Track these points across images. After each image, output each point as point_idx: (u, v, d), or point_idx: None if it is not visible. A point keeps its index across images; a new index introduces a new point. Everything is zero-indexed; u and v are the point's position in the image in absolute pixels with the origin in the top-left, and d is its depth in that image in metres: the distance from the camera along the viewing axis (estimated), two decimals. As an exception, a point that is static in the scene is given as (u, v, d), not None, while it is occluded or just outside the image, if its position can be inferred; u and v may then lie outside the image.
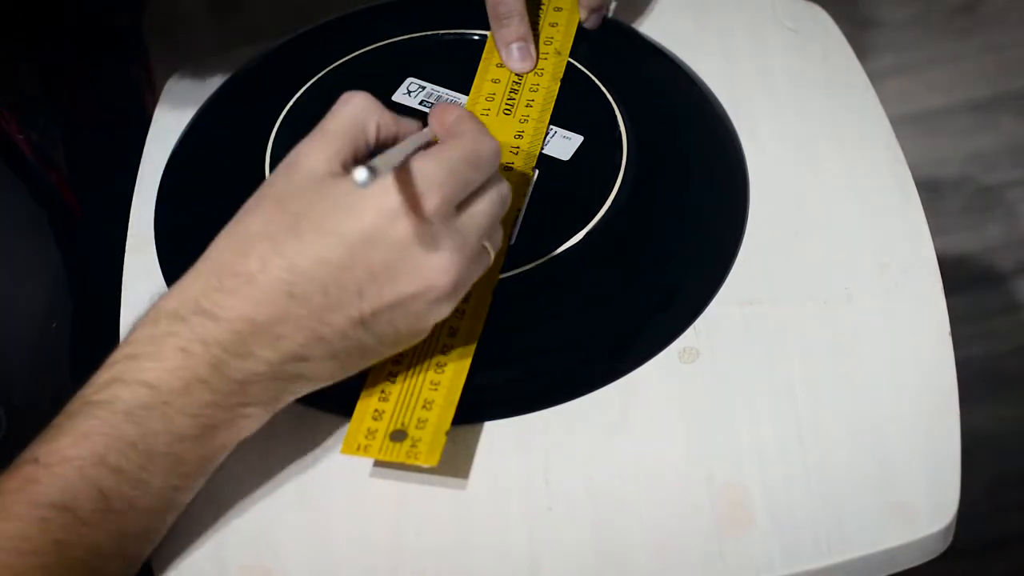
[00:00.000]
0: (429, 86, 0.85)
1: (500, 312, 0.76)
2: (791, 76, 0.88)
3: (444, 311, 0.70)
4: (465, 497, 0.72)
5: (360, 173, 0.63)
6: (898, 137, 0.84)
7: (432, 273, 0.68)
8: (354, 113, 0.70)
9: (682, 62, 0.88)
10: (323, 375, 0.70)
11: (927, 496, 0.71)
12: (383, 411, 0.72)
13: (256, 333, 0.67)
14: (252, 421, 0.70)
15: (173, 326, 0.68)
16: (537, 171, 0.81)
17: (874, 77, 0.87)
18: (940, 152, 1.68)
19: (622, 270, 0.78)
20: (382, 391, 0.72)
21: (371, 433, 0.71)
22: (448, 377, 0.73)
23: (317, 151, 0.69)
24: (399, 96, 0.85)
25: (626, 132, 0.82)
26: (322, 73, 0.86)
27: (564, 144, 0.82)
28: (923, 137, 1.69)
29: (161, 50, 1.15)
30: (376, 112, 0.70)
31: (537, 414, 0.74)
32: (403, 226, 0.67)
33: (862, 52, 0.89)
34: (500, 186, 0.71)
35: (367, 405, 0.72)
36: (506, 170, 0.80)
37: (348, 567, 0.70)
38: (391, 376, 0.73)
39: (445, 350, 0.74)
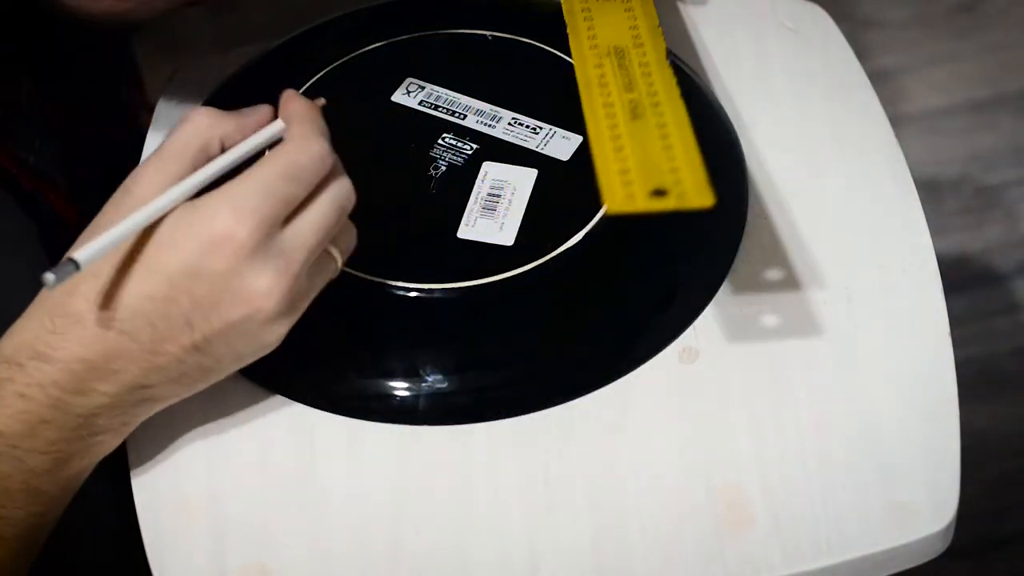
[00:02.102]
0: (429, 86, 0.85)
1: (500, 312, 0.76)
2: (791, 76, 0.88)
3: (282, 329, 0.70)
4: (465, 497, 0.72)
5: (48, 277, 0.64)
6: (898, 137, 0.84)
7: (256, 297, 0.68)
8: (193, 133, 0.70)
9: (682, 62, 0.88)
10: (170, 396, 0.71)
11: (927, 496, 0.71)
12: (631, 180, 0.69)
13: (91, 371, 0.68)
14: (106, 446, 0.71)
15: (10, 371, 0.69)
16: (537, 171, 0.81)
17: (874, 77, 0.87)
18: (940, 152, 1.68)
19: (622, 270, 0.78)
20: (621, 167, 0.69)
21: (629, 191, 0.68)
22: (674, 131, 0.70)
23: (151, 177, 0.69)
24: (399, 96, 0.85)
25: (626, 132, 0.82)
26: (322, 73, 0.86)
27: (564, 144, 0.82)
28: (923, 137, 1.69)
29: (161, 50, 1.15)
30: (218, 127, 0.70)
31: (537, 414, 0.74)
32: (220, 258, 0.67)
33: (862, 52, 0.89)
34: (335, 188, 0.70)
35: (609, 167, 0.69)
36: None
37: (347, 567, 0.70)
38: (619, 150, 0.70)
39: (657, 115, 0.71)
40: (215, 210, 0.67)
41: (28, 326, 0.69)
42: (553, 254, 0.77)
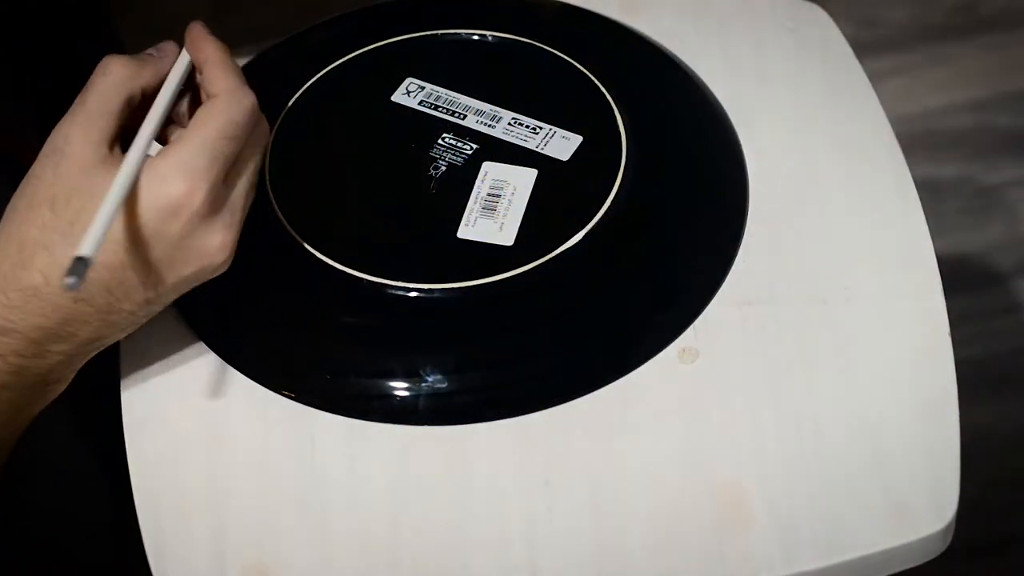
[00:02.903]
0: (429, 86, 0.85)
1: (500, 312, 0.76)
2: (791, 76, 0.88)
3: (224, 269, 0.72)
4: (465, 497, 0.72)
5: (69, 282, 0.64)
6: (898, 137, 0.84)
7: (209, 254, 0.70)
8: (115, 86, 0.71)
9: (682, 62, 0.88)
10: (118, 338, 0.73)
11: (926, 496, 0.71)
12: None
13: (49, 336, 0.70)
14: (56, 392, 0.73)
15: None
16: (537, 171, 0.81)
17: (874, 77, 0.87)
18: (940, 152, 1.68)
19: (622, 270, 0.78)
20: None
21: None
22: None
23: (83, 135, 0.69)
24: (399, 96, 0.85)
25: (625, 132, 0.82)
26: (322, 73, 0.86)
27: (563, 144, 0.82)
28: (923, 137, 1.69)
29: (161, 50, 1.15)
30: (139, 78, 0.72)
31: (537, 414, 0.74)
32: (176, 224, 0.69)
33: (862, 52, 0.89)
34: (259, 135, 0.73)
35: None
36: None
37: (348, 567, 0.70)
38: None
39: None
40: (167, 177, 0.69)
41: None
42: (553, 254, 0.77)
